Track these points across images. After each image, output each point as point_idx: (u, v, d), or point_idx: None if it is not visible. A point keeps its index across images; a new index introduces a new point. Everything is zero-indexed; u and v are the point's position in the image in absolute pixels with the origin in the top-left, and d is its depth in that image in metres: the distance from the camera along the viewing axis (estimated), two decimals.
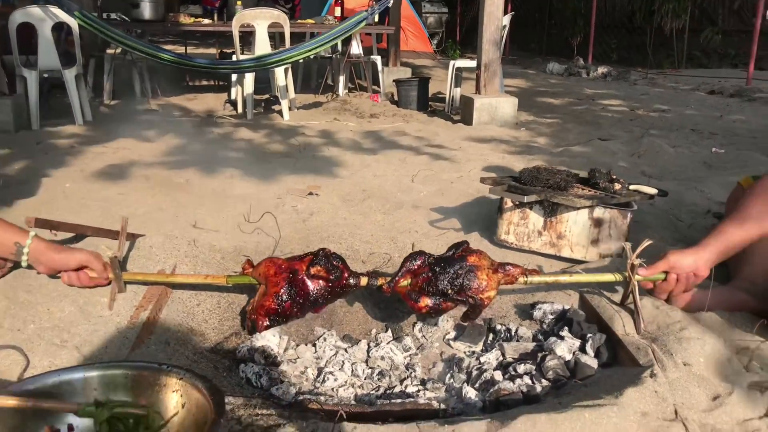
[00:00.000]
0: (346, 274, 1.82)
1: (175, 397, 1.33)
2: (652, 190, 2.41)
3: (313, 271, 1.78)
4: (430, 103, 6.72)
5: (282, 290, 1.77)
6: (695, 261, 1.75)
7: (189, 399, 1.31)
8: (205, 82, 8.34)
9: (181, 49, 9.80)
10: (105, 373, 1.34)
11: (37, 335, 1.61)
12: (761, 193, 1.82)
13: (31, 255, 1.75)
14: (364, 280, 1.83)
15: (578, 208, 2.28)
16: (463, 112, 5.69)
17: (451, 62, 6.54)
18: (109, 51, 6.72)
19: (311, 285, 1.79)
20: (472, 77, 6.00)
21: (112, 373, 1.35)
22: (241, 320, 2.03)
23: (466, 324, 2.11)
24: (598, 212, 2.29)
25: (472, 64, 5.99)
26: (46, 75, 5.38)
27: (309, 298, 1.79)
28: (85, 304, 1.80)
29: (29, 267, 1.80)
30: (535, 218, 2.37)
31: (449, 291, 1.77)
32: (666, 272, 1.80)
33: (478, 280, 1.77)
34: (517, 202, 2.35)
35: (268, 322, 1.79)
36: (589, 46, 12.73)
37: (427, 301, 1.78)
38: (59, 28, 5.33)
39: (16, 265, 1.90)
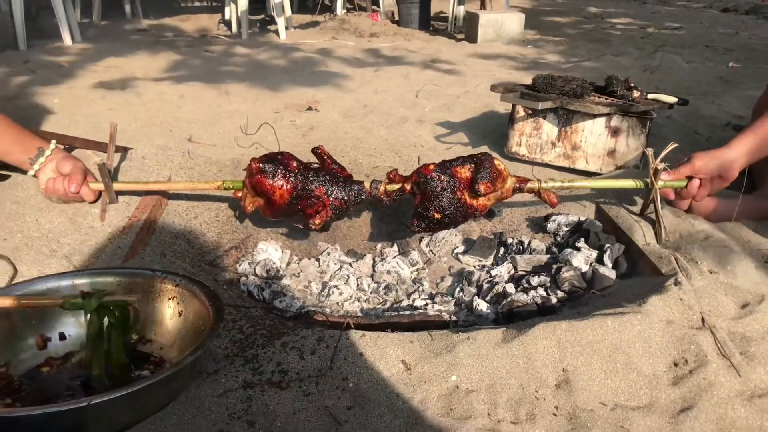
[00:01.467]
0: (347, 173, 1.75)
1: (172, 305, 1.25)
2: (672, 99, 2.27)
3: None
4: (432, 22, 6.45)
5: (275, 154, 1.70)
6: (722, 163, 1.64)
7: (186, 306, 1.23)
8: (197, 3, 7.99)
9: None
10: (96, 280, 1.26)
11: (25, 244, 1.51)
12: None
13: (48, 159, 1.69)
14: (367, 183, 1.72)
15: (596, 116, 2.15)
16: (467, 29, 5.45)
17: None
18: None
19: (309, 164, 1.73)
20: None
21: (104, 280, 1.26)
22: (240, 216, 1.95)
23: (475, 239, 2.02)
24: (616, 121, 2.16)
25: None
26: None
27: (306, 168, 1.70)
28: (74, 215, 1.70)
29: (33, 176, 1.71)
30: (549, 128, 2.24)
31: (458, 161, 1.70)
32: (690, 177, 1.69)
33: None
34: (530, 111, 2.22)
35: (262, 165, 1.66)
36: None
37: (434, 166, 1.69)
38: None
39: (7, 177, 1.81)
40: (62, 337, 1.23)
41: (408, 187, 1.72)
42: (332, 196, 1.70)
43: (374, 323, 1.52)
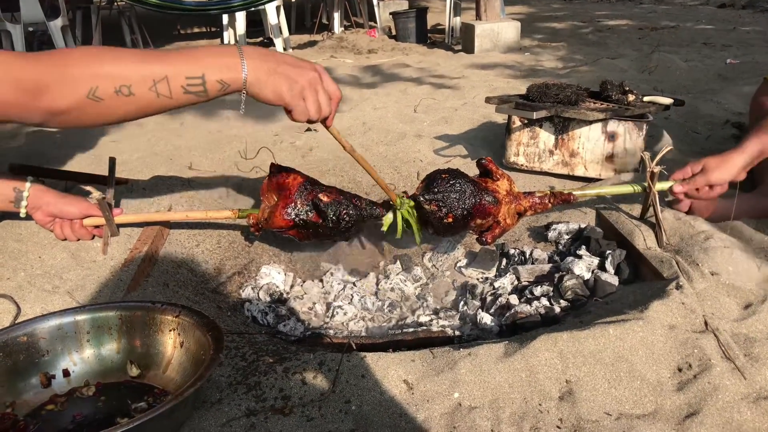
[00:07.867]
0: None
1: (173, 336, 1.25)
2: (668, 100, 2.27)
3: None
4: (429, 35, 6.49)
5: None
6: (735, 170, 1.63)
7: (187, 337, 1.23)
8: (197, 30, 8.10)
9: None
10: (97, 315, 1.27)
11: (28, 282, 1.53)
12: None
13: (30, 201, 1.63)
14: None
15: (591, 122, 2.15)
16: (464, 41, 5.48)
17: None
18: (95, 1, 6.49)
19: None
20: (472, 7, 5.76)
21: (105, 315, 1.28)
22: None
23: (477, 251, 2.02)
24: (612, 126, 2.16)
25: None
26: (31, 29, 5.21)
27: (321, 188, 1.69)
28: (77, 250, 1.71)
29: (27, 217, 1.70)
30: (546, 136, 2.25)
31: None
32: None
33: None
34: (526, 120, 2.23)
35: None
36: None
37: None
38: None
39: (6, 216, 1.82)
40: (66, 373, 1.24)
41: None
42: (344, 192, 1.71)
43: (378, 342, 1.52)
